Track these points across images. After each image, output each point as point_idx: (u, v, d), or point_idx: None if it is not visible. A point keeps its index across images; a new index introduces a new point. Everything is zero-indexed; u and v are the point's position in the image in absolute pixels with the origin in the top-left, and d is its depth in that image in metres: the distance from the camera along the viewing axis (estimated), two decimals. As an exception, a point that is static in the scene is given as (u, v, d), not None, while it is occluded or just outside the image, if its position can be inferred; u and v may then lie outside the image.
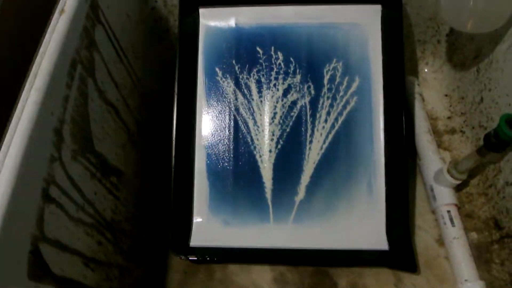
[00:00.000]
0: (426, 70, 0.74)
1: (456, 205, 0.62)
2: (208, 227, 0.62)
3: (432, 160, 0.65)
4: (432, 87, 0.73)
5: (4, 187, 0.36)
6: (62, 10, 0.46)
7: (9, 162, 0.37)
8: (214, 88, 0.64)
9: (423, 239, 0.64)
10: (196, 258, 0.61)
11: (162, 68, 0.73)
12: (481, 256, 0.61)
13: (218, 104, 0.64)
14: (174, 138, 0.61)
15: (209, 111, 0.64)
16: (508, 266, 0.57)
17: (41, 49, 0.43)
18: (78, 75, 0.47)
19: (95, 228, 0.51)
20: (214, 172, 0.63)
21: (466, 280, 0.57)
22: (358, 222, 0.62)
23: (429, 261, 0.62)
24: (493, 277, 0.59)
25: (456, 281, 0.59)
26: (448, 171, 0.61)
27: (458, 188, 0.65)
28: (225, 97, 0.64)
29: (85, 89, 0.49)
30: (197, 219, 0.62)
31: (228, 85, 0.64)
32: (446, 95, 0.72)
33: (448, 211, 0.62)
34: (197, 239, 0.61)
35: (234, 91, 0.64)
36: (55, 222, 0.42)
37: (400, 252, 0.60)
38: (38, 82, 0.41)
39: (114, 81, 0.57)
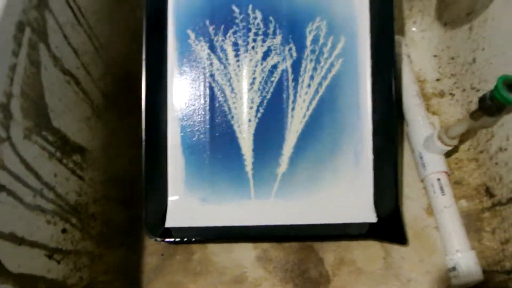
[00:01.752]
0: (413, 29, 0.69)
1: (446, 172, 0.59)
2: (185, 205, 0.58)
3: (421, 125, 0.61)
4: (420, 47, 0.68)
5: None
6: (2, -36, 0.39)
7: None
8: (186, 53, 0.58)
9: (411, 209, 0.61)
10: (173, 240, 0.56)
11: (129, 32, 0.66)
12: (471, 224, 0.58)
13: (191, 70, 0.58)
14: (143, 110, 0.55)
15: (182, 79, 0.58)
16: (499, 234, 0.55)
17: (-23, 11, 0.36)
18: (27, 40, 0.41)
19: (58, 215, 0.46)
20: (189, 146, 0.58)
21: (457, 251, 0.55)
22: (344, 194, 0.58)
23: (417, 232, 0.59)
24: (483, 246, 0.57)
25: (446, 252, 0.56)
26: (439, 137, 0.57)
27: (447, 154, 0.62)
28: (199, 62, 0.58)
29: (36, 57, 0.43)
30: (172, 198, 0.58)
31: (202, 49, 0.58)
32: (435, 56, 0.67)
33: (438, 179, 0.58)
34: (173, 219, 0.57)
35: (209, 55, 0.58)
36: (7, 213, 0.37)
37: (389, 224, 0.57)
38: (-25, 51, 0.34)
39: (72, 47, 0.50)
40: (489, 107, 0.51)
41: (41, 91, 0.44)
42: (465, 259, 0.55)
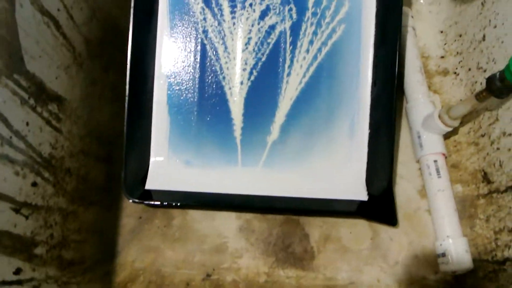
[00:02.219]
0: (421, 1, 0.65)
1: (443, 154, 0.56)
2: (168, 167, 0.55)
3: (421, 103, 0.58)
4: (426, 21, 0.65)
5: None
6: None
7: None
8: (178, 5, 0.54)
9: (404, 189, 0.58)
10: (152, 202, 0.53)
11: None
12: (465, 210, 0.56)
13: (183, 24, 0.54)
14: (129, 64, 0.52)
15: (172, 33, 0.54)
16: (494, 222, 0.52)
17: None
18: (0, -29, 0.37)
19: (28, 167, 0.42)
20: (176, 105, 0.55)
21: (448, 236, 0.53)
22: (336, 168, 0.55)
23: (409, 214, 0.57)
24: (475, 234, 0.54)
25: (437, 237, 0.54)
26: (440, 117, 0.54)
27: (445, 136, 0.59)
28: (191, 16, 0.54)
29: (10, -9, 0.38)
30: (155, 158, 0.54)
31: (195, 2, 0.54)
32: (441, 32, 0.64)
33: (435, 161, 0.56)
34: (154, 181, 0.54)
35: (203, 9, 0.54)
36: (-33, 159, 0.33)
37: (380, 204, 0.54)
38: None
39: (53, -14, 0.46)
40: (498, 88, 0.48)
41: (15, 29, 0.40)
42: (455, 245, 0.52)
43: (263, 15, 0.54)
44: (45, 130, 0.46)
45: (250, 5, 0.54)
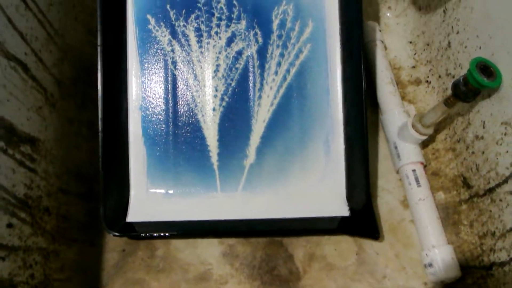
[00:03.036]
0: (388, 14, 0.66)
1: (422, 163, 0.56)
2: (147, 199, 0.55)
3: (395, 114, 0.58)
4: (395, 33, 0.66)
5: None
6: None
7: None
8: (147, 39, 0.55)
9: (386, 201, 0.58)
10: (134, 234, 0.53)
11: (89, 18, 0.63)
12: (449, 217, 0.55)
13: (152, 57, 0.55)
14: (100, 99, 0.52)
15: (142, 66, 0.55)
16: (477, 227, 0.52)
17: None
18: (-40, 21, 0.38)
19: (2, 208, 0.43)
20: (151, 136, 0.55)
21: (433, 246, 0.52)
22: (315, 187, 0.55)
23: (393, 225, 0.57)
24: (461, 240, 0.54)
25: (422, 247, 0.54)
26: (413, 126, 0.55)
27: (424, 144, 0.59)
28: (160, 49, 0.55)
29: (-28, 39, 0.40)
30: (134, 191, 0.55)
31: (162, 35, 0.55)
32: (410, 42, 0.65)
33: (413, 170, 0.56)
34: (135, 214, 0.54)
35: (170, 41, 0.55)
36: None
37: (362, 218, 0.53)
38: None
39: (18, 31, 0.47)
40: (463, 92, 0.48)
41: (-21, 76, 0.41)
42: (441, 254, 0.52)
43: (229, 41, 0.55)
44: (18, 171, 0.46)
45: (216, 33, 0.55)
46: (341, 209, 0.54)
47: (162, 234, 0.53)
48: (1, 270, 0.42)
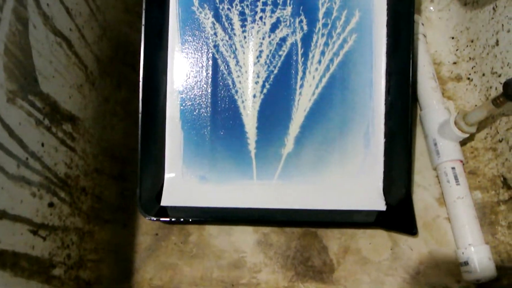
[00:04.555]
0: (431, 8, 0.65)
1: (461, 161, 0.56)
2: (182, 183, 0.54)
3: (436, 110, 0.57)
4: (437, 28, 0.64)
5: None
6: None
7: None
8: (189, 21, 0.54)
9: (422, 197, 0.57)
10: (168, 219, 0.53)
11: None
12: (485, 217, 0.55)
13: (194, 39, 0.54)
14: (141, 81, 0.51)
15: (184, 48, 0.54)
16: (516, 228, 0.51)
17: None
18: (13, -7, 0.37)
19: (44, 187, 0.42)
20: (189, 120, 0.54)
21: (470, 245, 0.52)
22: (352, 179, 0.54)
23: (428, 222, 0.56)
24: (497, 241, 0.53)
25: (457, 245, 0.53)
26: (456, 123, 0.54)
27: (462, 142, 0.58)
28: (202, 31, 0.54)
29: (23, 12, 0.38)
30: (169, 175, 0.54)
31: (205, 17, 0.54)
32: (452, 38, 0.63)
33: (453, 168, 0.55)
34: (169, 198, 0.53)
35: (213, 24, 0.54)
36: (-14, 182, 0.33)
37: (399, 213, 0.53)
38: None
39: (65, 6, 0.46)
40: (515, 92, 0.47)
41: (29, 51, 0.40)
42: (478, 253, 0.51)
43: (274, 27, 0.54)
44: (60, 150, 0.45)
45: (260, 18, 0.54)
46: (378, 203, 0.54)
47: (196, 219, 0.53)
48: (42, 249, 0.42)
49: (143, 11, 0.51)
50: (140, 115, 0.51)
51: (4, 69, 0.36)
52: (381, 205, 0.54)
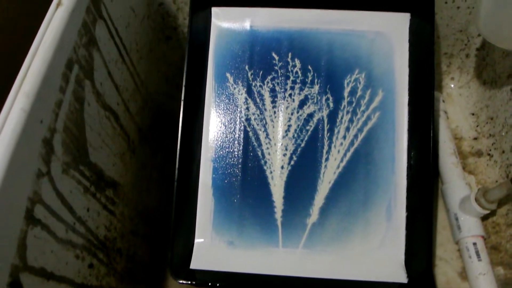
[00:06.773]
0: (451, 85, 0.68)
1: (482, 236, 0.57)
2: (211, 248, 0.57)
3: (457, 185, 0.59)
4: (458, 104, 0.68)
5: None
6: (59, 3, 0.40)
7: (-13, 180, 0.31)
8: (224, 95, 0.59)
9: (444, 271, 0.58)
10: (196, 283, 0.55)
11: (168, 69, 0.67)
12: (508, 293, 0.55)
13: (227, 112, 0.59)
14: (178, 149, 0.56)
15: (218, 120, 0.58)
16: (539, 307, 0.52)
17: (33, 47, 0.37)
18: (74, 77, 0.42)
19: (86, 250, 0.45)
20: (220, 188, 0.58)
21: (492, 321, 0.52)
22: (374, 251, 0.56)
23: (450, 296, 0.57)
24: (520, 319, 0.54)
25: (480, 321, 0.54)
26: (476, 200, 0.56)
27: (483, 217, 0.60)
28: (235, 105, 0.58)
29: (81, 93, 0.43)
30: (199, 239, 0.57)
31: (239, 93, 0.58)
32: (472, 114, 0.66)
33: (474, 243, 0.56)
34: (198, 262, 0.56)
35: (246, 99, 0.58)
36: (39, 248, 0.37)
37: (421, 286, 0.54)
38: (27, 86, 0.35)
39: (114, 83, 0.51)
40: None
41: (83, 126, 0.44)
42: (500, 330, 0.52)
43: (302, 104, 0.58)
44: (102, 214, 0.49)
45: (290, 95, 0.58)
46: (399, 276, 0.55)
47: (224, 284, 0.55)
48: (79, 308, 0.44)
49: (183, 87, 0.56)
50: (175, 182, 0.55)
51: (62, 144, 0.40)
52: (402, 278, 0.55)
